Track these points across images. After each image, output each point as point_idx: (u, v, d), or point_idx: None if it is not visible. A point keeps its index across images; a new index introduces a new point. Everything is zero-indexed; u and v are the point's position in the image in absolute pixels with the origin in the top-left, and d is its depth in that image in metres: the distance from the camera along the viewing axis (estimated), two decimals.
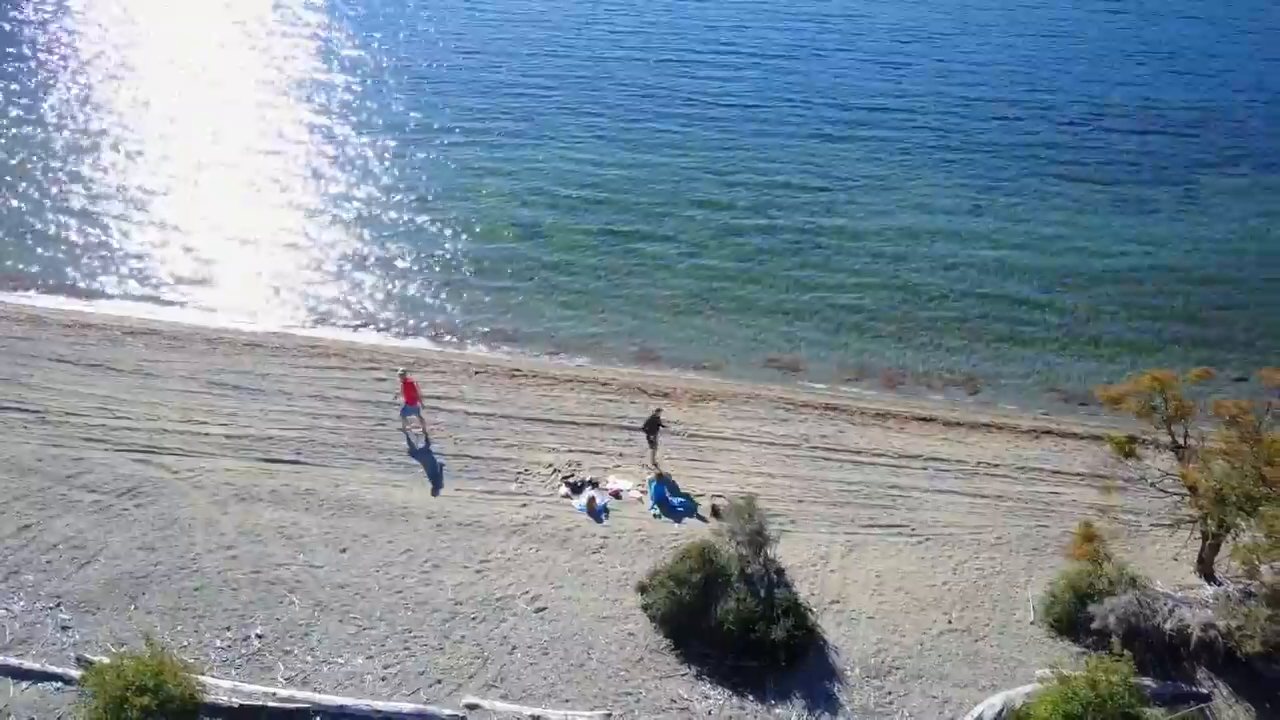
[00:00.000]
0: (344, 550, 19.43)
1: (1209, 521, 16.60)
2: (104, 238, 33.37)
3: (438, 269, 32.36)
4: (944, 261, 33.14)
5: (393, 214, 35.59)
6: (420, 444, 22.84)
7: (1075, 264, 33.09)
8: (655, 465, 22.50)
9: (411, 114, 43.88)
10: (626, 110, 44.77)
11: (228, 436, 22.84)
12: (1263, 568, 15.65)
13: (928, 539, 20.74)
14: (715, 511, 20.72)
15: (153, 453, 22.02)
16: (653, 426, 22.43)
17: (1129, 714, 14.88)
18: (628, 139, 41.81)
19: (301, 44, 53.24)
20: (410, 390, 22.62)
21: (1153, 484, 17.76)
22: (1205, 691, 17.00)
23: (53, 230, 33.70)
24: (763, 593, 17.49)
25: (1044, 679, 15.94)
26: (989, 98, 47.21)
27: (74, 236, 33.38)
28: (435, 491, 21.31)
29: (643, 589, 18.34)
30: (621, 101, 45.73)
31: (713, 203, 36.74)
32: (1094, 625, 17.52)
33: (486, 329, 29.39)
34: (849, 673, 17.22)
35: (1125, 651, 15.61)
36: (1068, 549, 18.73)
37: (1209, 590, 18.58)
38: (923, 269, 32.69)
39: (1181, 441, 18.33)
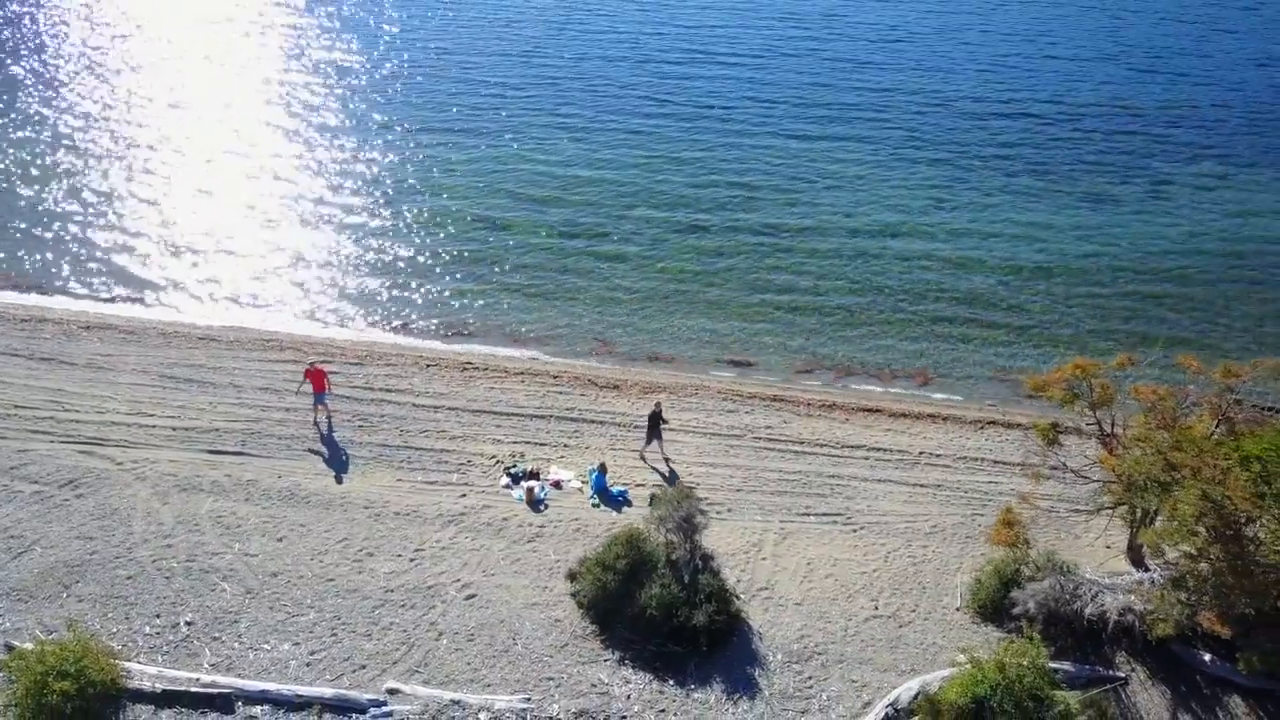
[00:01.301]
0: (280, 539, 19.61)
1: (1122, 506, 16.72)
2: (64, 234, 33.53)
3: (396, 264, 32.56)
4: (904, 257, 33.34)
5: (352, 210, 35.80)
6: (326, 431, 23.03)
7: (1035, 259, 33.32)
8: (665, 458, 22.71)
9: (373, 113, 44.14)
10: (596, 110, 44.98)
11: (174, 429, 23.03)
12: (1170, 552, 15.78)
13: (862, 527, 20.92)
14: (654, 501, 20.87)
15: (98, 444, 22.20)
16: (655, 421, 22.54)
17: (1037, 696, 15.04)
18: (596, 138, 42.02)
19: (266, 44, 53.49)
20: (318, 379, 22.76)
21: (1073, 471, 17.90)
22: (1123, 675, 17.16)
23: (12, 226, 33.85)
24: (687, 579, 17.66)
25: (957, 663, 16.10)
26: (959, 97, 47.46)
27: (36, 232, 33.56)
28: (339, 479, 21.51)
29: (572, 576, 18.53)
30: (592, 102, 45.95)
31: (678, 199, 36.97)
32: (1015, 611, 17.72)
33: (443, 323, 29.61)
34: (771, 658, 17.39)
35: (1035, 635, 15.77)
36: (988, 535, 18.85)
37: (1136, 576, 18.75)
38: (883, 264, 32.88)
39: (1109, 429, 18.51)
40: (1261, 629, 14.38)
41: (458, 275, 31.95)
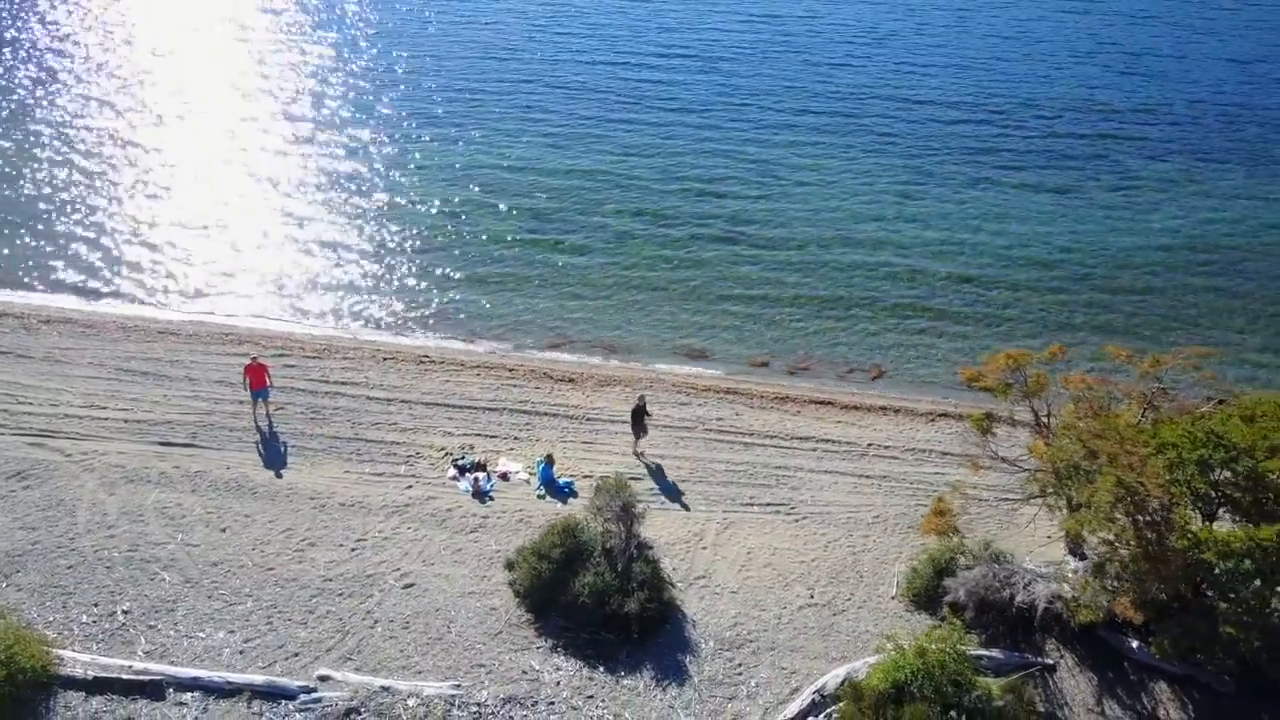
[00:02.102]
0: (224, 530, 19.73)
1: (1048, 494, 16.86)
2: (26, 229, 33.63)
3: (359, 258, 32.72)
4: (869, 253, 33.51)
5: (316, 206, 35.98)
6: (266, 428, 23.11)
7: (999, 256, 33.50)
8: (640, 453, 22.81)
9: (340, 110, 44.57)
10: (568, 109, 45.15)
11: (126, 421, 23.15)
12: (1091, 538, 15.92)
13: (805, 517, 21.06)
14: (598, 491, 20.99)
15: (49, 436, 22.31)
16: (639, 415, 22.64)
17: (957, 680, 15.18)
18: (566, 137, 42.19)
19: (230, 43, 53.62)
20: (258, 374, 22.86)
21: (1005, 460, 18.05)
22: (1051, 662, 17.30)
23: None
24: (621, 567, 17.80)
25: (882, 649, 16.23)
26: (934, 97, 47.60)
27: None
28: (286, 472, 21.61)
29: (510, 565, 18.66)
30: (564, 101, 46.13)
31: (645, 196, 37.16)
32: (947, 599, 17.88)
33: (402, 317, 29.78)
34: (703, 645, 17.53)
35: (956, 621, 15.92)
36: (920, 524, 19.00)
37: (1072, 564, 18.90)
38: (846, 260, 33.04)
39: (1044, 419, 18.67)
40: (1176, 614, 14.50)
41: (420, 270, 32.10)
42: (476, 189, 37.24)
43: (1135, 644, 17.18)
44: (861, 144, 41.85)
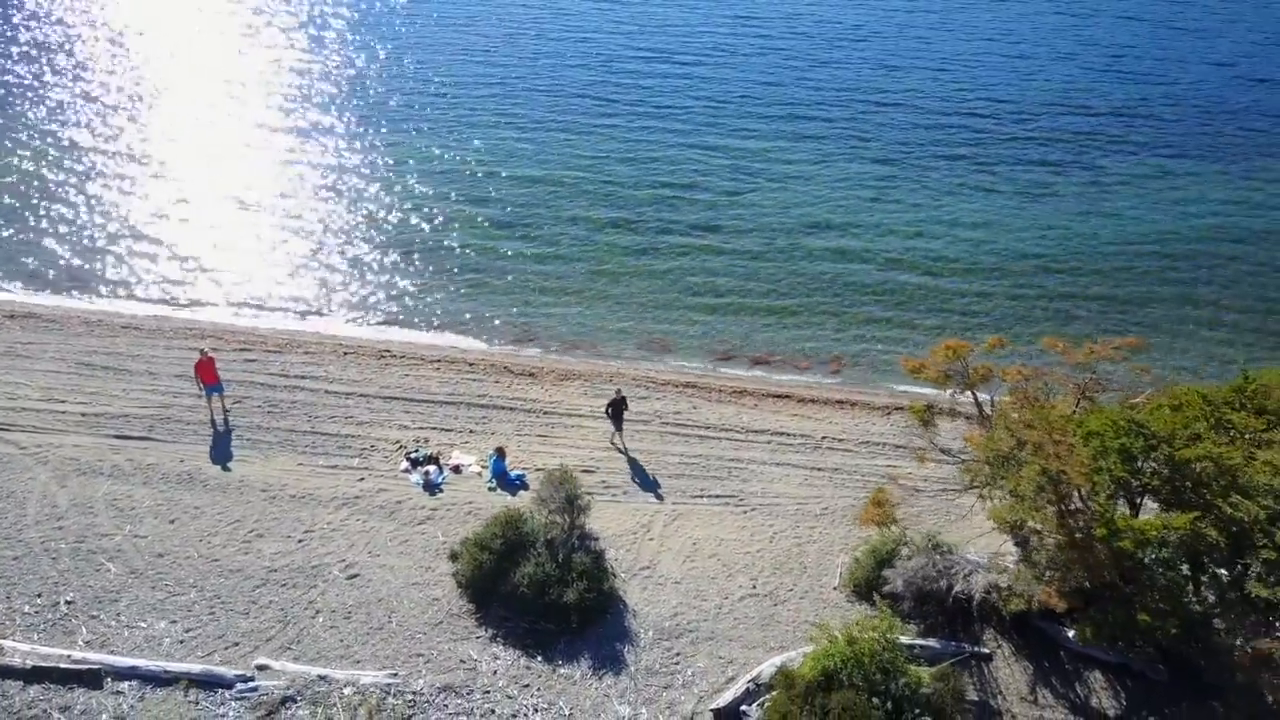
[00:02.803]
0: (172, 521, 19.83)
1: (981, 484, 16.96)
2: None
3: (324, 254, 32.80)
4: (838, 250, 33.59)
5: (281, 202, 36.03)
6: (220, 421, 23.20)
7: (968, 253, 33.58)
8: (622, 447, 22.90)
9: (313, 108, 44.47)
10: (545, 107, 45.16)
11: (84, 414, 23.25)
12: (1011, 526, 16.00)
13: (754, 509, 21.17)
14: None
15: (5, 430, 22.39)
16: (616, 407, 22.74)
17: (886, 668, 15.28)
18: (542, 135, 42.24)
19: (201, 43, 53.64)
20: (207, 369, 22.95)
21: (943, 451, 18.15)
22: (988, 651, 17.40)
23: None
24: (561, 558, 17.90)
25: (814, 638, 16.34)
26: (913, 97, 47.53)
27: None
28: (240, 465, 21.72)
29: (454, 556, 18.75)
30: (542, 99, 46.11)
31: (618, 193, 37.21)
32: (885, 589, 17.97)
33: (366, 312, 29.89)
34: (642, 635, 17.63)
35: (887, 610, 16.02)
36: (858, 515, 19.10)
37: (1015, 554, 18.99)
38: (814, 258, 33.13)
39: (985, 410, 18.77)
40: (1101, 601, 14.58)
41: (386, 266, 32.19)
42: (448, 188, 37.30)
43: (1071, 633, 17.28)
44: (836, 144, 41.87)
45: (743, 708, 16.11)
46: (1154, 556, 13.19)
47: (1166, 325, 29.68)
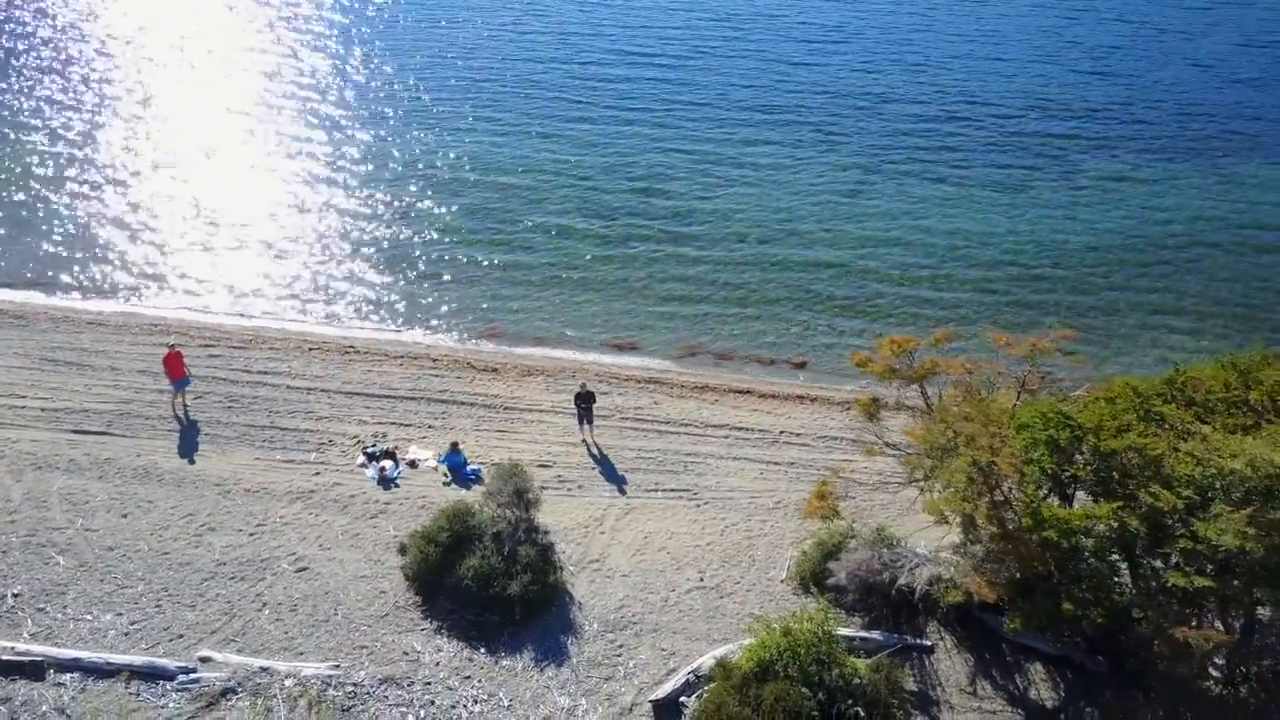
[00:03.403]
0: (125, 515, 19.91)
1: (921, 477, 17.04)
2: None
3: (291, 250, 32.91)
4: (806, 247, 33.64)
5: (250, 198, 36.04)
6: (184, 416, 23.27)
7: (938, 250, 33.51)
8: (592, 442, 23.01)
9: (285, 107, 44.49)
10: (520, 105, 45.07)
11: (44, 409, 23.33)
12: (953, 518, 16.08)
13: (707, 502, 21.26)
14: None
15: None
16: (582, 400, 22.83)
17: (822, 660, 15.37)
18: (516, 131, 42.25)
19: (172, 40, 53.74)
20: (174, 364, 22.99)
21: (888, 444, 18.23)
22: (930, 643, 17.48)
23: None
24: (507, 550, 17.98)
25: (752, 630, 16.42)
26: (891, 96, 47.21)
27: None
28: (197, 458, 21.82)
29: (402, 549, 18.83)
30: (517, 97, 46.00)
31: (590, 192, 37.24)
32: (829, 582, 18.07)
33: (331, 307, 30.02)
34: (587, 627, 17.71)
35: (824, 602, 16.11)
36: (803, 508, 19.18)
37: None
38: (784, 255, 33.14)
39: (935, 404, 18.83)
40: (1033, 593, 14.66)
41: (354, 262, 32.31)
42: (419, 188, 37.36)
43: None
44: (812, 144, 41.78)
45: (681, 699, 16.20)
46: (1082, 546, 13.25)
47: (1135, 323, 29.72)
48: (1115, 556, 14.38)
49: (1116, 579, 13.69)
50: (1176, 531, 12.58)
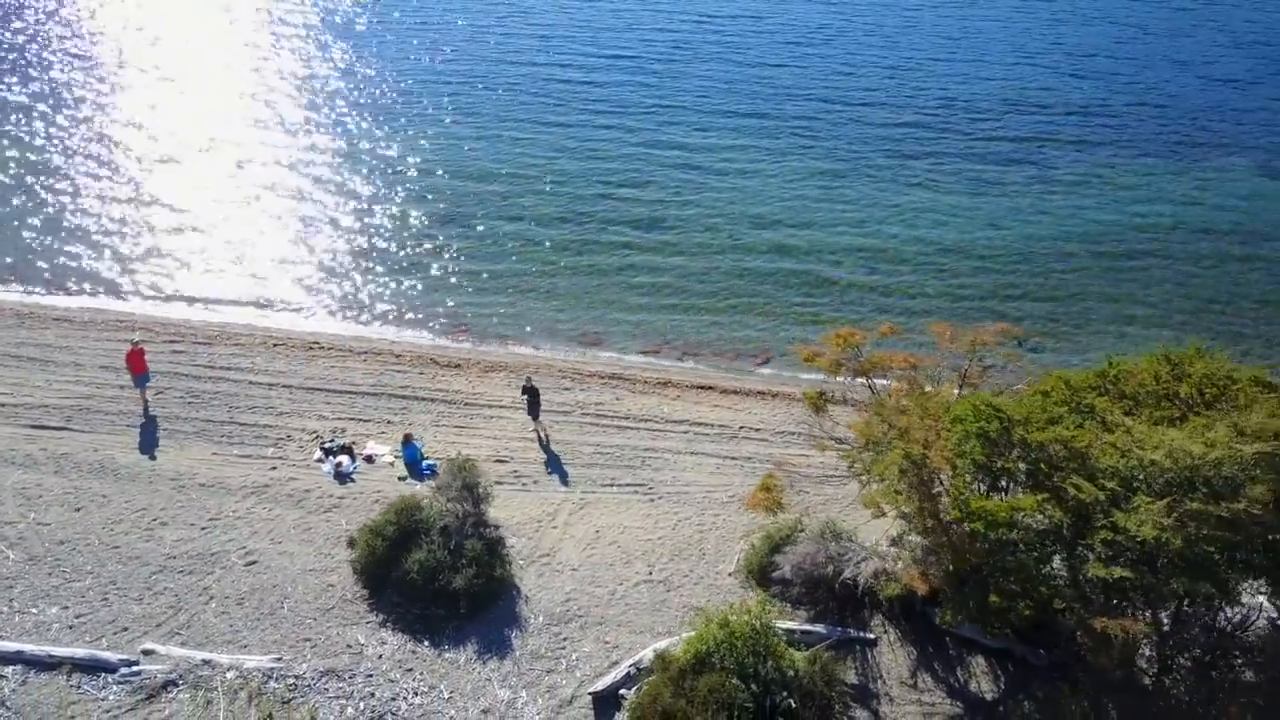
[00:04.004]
0: (78, 509, 19.97)
1: (860, 470, 17.08)
2: None
3: (255, 246, 32.98)
4: (778, 244, 33.69)
5: (218, 195, 36.12)
6: (144, 412, 23.30)
7: (908, 249, 33.49)
8: (544, 436, 23.10)
9: (264, 104, 44.61)
10: (499, 105, 45.09)
11: (3, 405, 23.38)
12: (890, 511, 16.14)
13: (661, 497, 21.31)
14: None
15: None
16: (531, 395, 22.94)
17: (759, 652, 15.43)
18: (493, 131, 42.29)
19: (147, 39, 53.81)
20: (136, 361, 23.02)
21: (833, 438, 18.28)
22: (873, 636, 17.53)
23: None
24: (454, 544, 18.04)
25: (692, 623, 16.49)
26: (871, 97, 46.98)
27: None
28: (155, 454, 21.91)
29: (351, 543, 18.89)
30: (496, 97, 45.99)
31: (565, 189, 37.34)
32: (774, 575, 18.13)
33: (297, 304, 30.10)
34: (532, 620, 17.77)
35: (764, 595, 16.17)
36: (747, 501, 19.24)
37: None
38: (754, 251, 33.23)
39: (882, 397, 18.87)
40: (968, 585, 14.70)
41: (319, 258, 32.42)
42: (393, 184, 37.42)
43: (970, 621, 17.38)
44: (790, 144, 41.70)
45: (621, 691, 16.25)
46: (1008, 538, 13.30)
47: (1103, 320, 29.76)
48: (1046, 548, 14.40)
49: (1046, 571, 13.72)
50: (1099, 523, 12.63)
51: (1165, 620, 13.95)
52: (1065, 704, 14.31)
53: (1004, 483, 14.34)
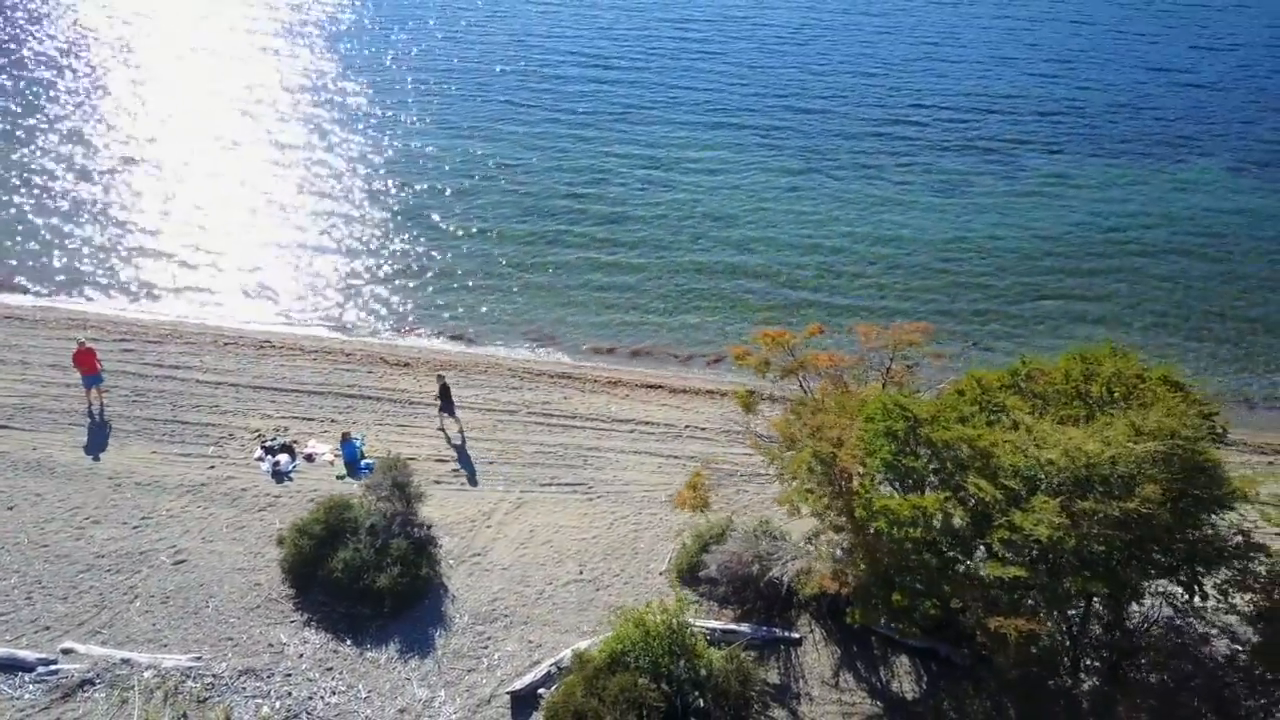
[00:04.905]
0: (11, 508, 19.90)
1: (778, 469, 17.01)
2: None
3: (210, 245, 32.87)
4: (736, 244, 33.69)
5: (173, 194, 36.05)
6: (96, 412, 23.25)
7: (869, 250, 33.48)
8: (453, 431, 23.05)
9: (226, 106, 44.55)
10: (469, 106, 45.08)
11: None
12: (804, 510, 16.07)
13: (600, 496, 21.25)
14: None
15: None
16: (444, 393, 22.91)
17: (674, 652, 15.38)
18: (459, 130, 42.27)
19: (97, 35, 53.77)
20: (85, 360, 22.99)
21: (760, 436, 18.23)
22: (798, 636, 17.48)
23: None
24: (380, 544, 17.99)
25: (611, 622, 16.43)
26: (846, 99, 47.19)
27: None
28: (95, 452, 21.84)
29: (280, 541, 18.85)
30: (467, 99, 45.96)
31: (527, 188, 37.34)
32: (703, 574, 18.08)
33: (251, 303, 29.97)
34: (458, 619, 17.72)
35: (682, 594, 16.12)
36: (675, 499, 19.17)
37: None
38: (713, 251, 33.21)
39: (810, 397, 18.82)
40: (874, 584, 14.63)
41: (271, 256, 32.37)
42: (355, 183, 37.41)
43: (883, 620, 17.33)
44: (759, 145, 41.53)
45: (540, 691, 16.20)
46: (911, 537, 13.23)
47: (1062, 319, 29.74)
48: (949, 547, 14.30)
49: (955, 571, 13.66)
50: (998, 522, 12.57)
51: (1075, 620, 13.88)
52: (970, 704, 14.26)
53: (913, 482, 14.27)
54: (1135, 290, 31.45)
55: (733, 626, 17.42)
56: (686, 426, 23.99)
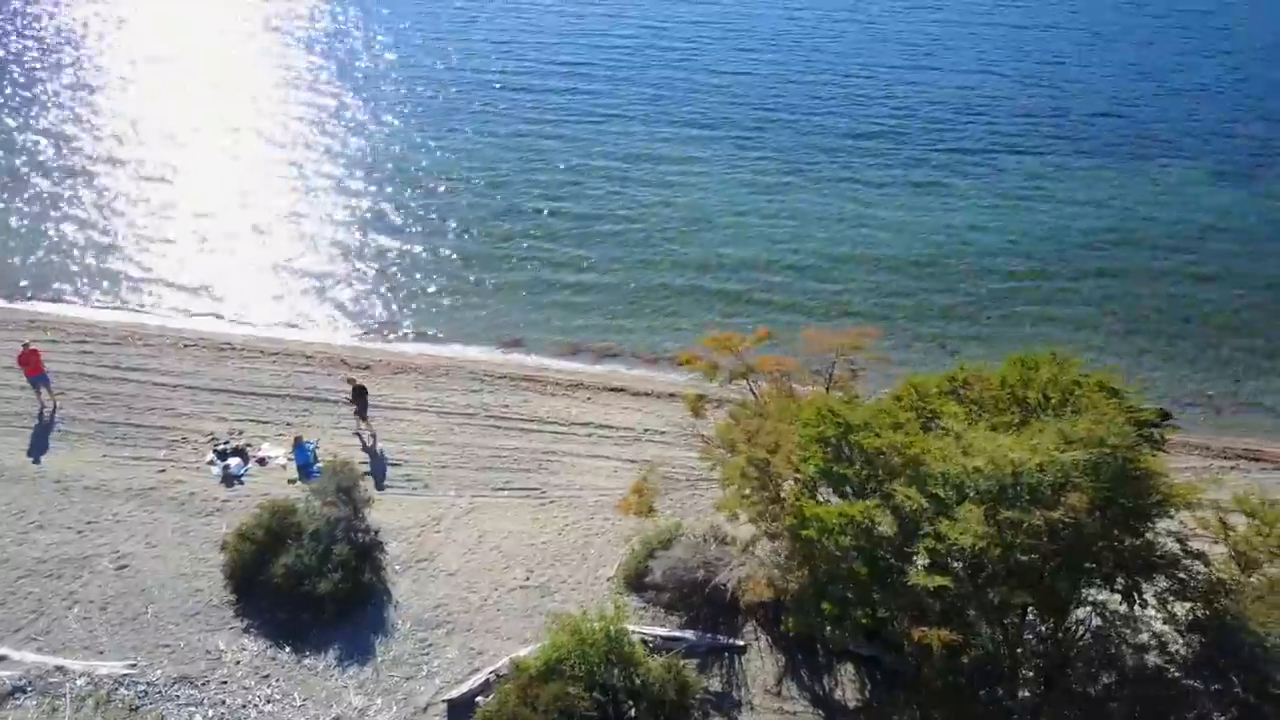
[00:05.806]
0: None
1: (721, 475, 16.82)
2: None
3: (174, 245, 32.79)
4: (710, 247, 33.50)
5: (139, 195, 35.93)
6: (48, 414, 23.05)
7: (840, 252, 33.32)
8: (366, 435, 22.85)
9: (195, 107, 44.45)
10: (446, 109, 44.96)
11: None
12: (741, 516, 15.90)
13: (553, 501, 21.07)
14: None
15: None
16: (359, 395, 22.75)
17: (610, 659, 15.21)
18: (434, 133, 42.11)
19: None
20: (30, 360, 22.76)
21: (705, 439, 18.05)
22: (743, 644, 17.30)
23: None
24: (322, 549, 17.80)
25: (549, 629, 16.24)
26: (820, 102, 47.03)
27: None
28: (43, 455, 21.67)
29: (224, 547, 18.65)
30: (443, 103, 45.82)
31: (499, 191, 37.19)
32: (648, 580, 17.91)
33: (214, 305, 29.80)
34: (400, 626, 17.53)
35: (619, 601, 15.95)
36: (621, 504, 19.00)
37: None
38: (686, 254, 33.03)
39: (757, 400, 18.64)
40: (806, 592, 14.46)
41: (235, 258, 32.24)
42: (325, 186, 37.32)
43: (828, 628, 17.15)
44: (737, 150, 41.19)
45: (477, 699, 16.02)
46: (841, 545, 13.05)
47: (1036, 325, 29.54)
48: (878, 556, 14.09)
49: (888, 579, 13.46)
50: (924, 531, 12.40)
51: (1010, 630, 13.70)
52: (900, 713, 14.10)
53: (849, 489, 14.09)
54: (1110, 294, 31.25)
55: (675, 634, 17.26)
56: (646, 430, 23.81)
